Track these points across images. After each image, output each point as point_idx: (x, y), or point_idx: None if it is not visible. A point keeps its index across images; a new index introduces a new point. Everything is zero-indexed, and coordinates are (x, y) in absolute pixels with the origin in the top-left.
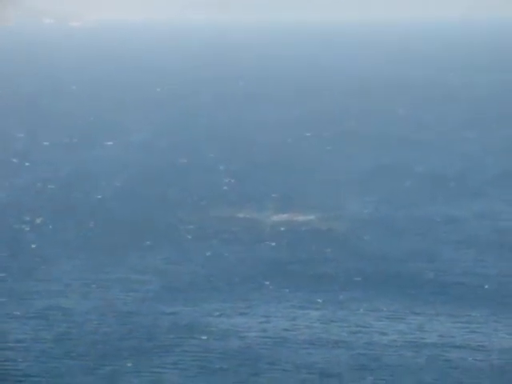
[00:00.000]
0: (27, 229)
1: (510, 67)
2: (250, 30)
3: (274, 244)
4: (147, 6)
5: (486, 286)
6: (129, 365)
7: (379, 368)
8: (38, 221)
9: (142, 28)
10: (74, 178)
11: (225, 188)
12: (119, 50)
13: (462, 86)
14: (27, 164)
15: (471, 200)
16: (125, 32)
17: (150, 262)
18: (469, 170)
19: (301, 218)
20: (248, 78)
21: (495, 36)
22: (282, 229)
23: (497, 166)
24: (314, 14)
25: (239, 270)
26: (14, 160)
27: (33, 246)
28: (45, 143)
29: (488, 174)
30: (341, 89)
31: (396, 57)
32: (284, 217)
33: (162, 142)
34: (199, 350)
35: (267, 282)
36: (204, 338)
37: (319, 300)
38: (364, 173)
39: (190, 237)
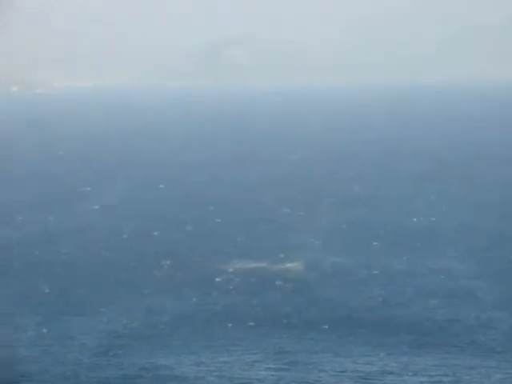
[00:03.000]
0: None
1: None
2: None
3: (240, 293)
4: (119, 73)
5: (456, 336)
6: None
7: None
8: None
9: (109, 93)
10: (39, 238)
11: (187, 245)
12: (84, 114)
13: (424, 143)
14: None
15: (428, 256)
16: (89, 98)
17: (108, 317)
18: (426, 226)
19: (269, 268)
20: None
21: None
22: (253, 279)
23: (454, 221)
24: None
25: (197, 321)
26: None
27: None
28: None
29: (443, 230)
30: (302, 152)
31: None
32: (253, 267)
33: (129, 205)
34: None
35: (230, 332)
36: None
37: (288, 352)
38: (327, 230)
39: (150, 291)
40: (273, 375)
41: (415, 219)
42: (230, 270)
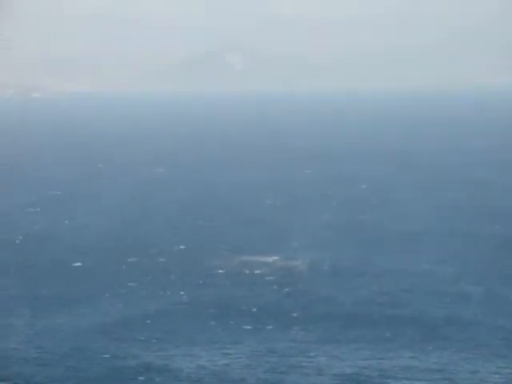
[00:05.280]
0: None
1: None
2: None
3: (233, 292)
4: (117, 78)
5: (452, 337)
6: None
7: None
8: None
9: (103, 99)
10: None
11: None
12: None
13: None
14: None
15: (418, 257)
16: (84, 103)
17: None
18: (417, 229)
19: (264, 266)
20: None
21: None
22: (247, 277)
23: (444, 225)
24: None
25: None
26: None
27: None
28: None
29: (433, 233)
30: (301, 154)
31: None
32: (248, 265)
33: (130, 206)
34: None
35: (225, 333)
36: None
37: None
38: (324, 230)
39: (141, 289)
40: (273, 378)
41: (407, 222)
42: (225, 267)
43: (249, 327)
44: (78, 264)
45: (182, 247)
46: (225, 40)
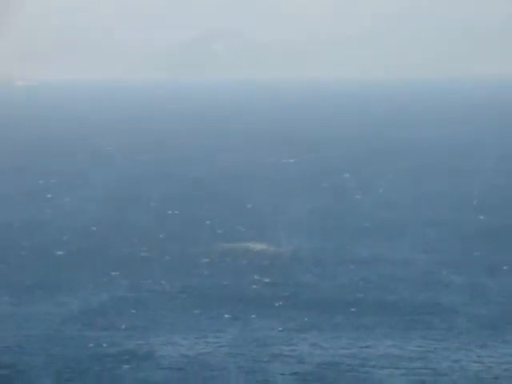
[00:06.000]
0: None
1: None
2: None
3: (214, 280)
4: (104, 67)
5: (433, 325)
6: None
7: None
8: None
9: (83, 87)
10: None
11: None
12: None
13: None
14: None
15: (395, 245)
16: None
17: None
18: (392, 217)
19: (243, 252)
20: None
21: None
22: (228, 264)
23: (420, 213)
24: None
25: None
26: None
27: None
28: None
29: (411, 222)
30: (289, 141)
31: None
32: (229, 251)
33: (117, 195)
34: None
35: (207, 321)
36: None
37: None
38: (305, 217)
39: (119, 276)
40: (255, 367)
41: (391, 210)
42: (208, 256)
43: (231, 316)
44: (61, 253)
45: (165, 235)
46: (210, 27)
